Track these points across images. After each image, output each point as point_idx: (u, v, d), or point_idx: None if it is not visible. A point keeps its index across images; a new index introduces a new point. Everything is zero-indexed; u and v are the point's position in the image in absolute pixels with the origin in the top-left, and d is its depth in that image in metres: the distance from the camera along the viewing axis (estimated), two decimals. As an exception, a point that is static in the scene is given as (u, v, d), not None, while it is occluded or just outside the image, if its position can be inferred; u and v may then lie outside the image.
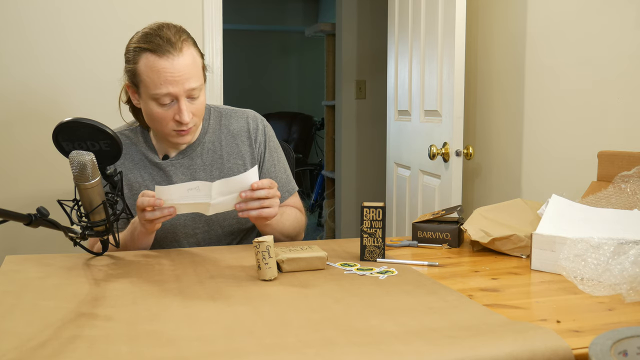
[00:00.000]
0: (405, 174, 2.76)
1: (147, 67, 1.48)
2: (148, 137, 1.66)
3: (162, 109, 1.50)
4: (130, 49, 1.53)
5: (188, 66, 1.49)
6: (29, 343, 0.90)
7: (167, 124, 1.52)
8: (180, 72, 1.47)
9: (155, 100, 1.49)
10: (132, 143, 1.64)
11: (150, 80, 1.48)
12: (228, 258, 1.44)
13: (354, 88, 4.08)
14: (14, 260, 1.40)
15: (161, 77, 1.47)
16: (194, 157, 1.63)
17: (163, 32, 1.50)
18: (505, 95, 2.37)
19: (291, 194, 1.73)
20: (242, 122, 1.68)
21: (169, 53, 1.47)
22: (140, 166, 1.63)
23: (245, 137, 1.67)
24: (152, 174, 1.63)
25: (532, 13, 2.21)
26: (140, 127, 1.67)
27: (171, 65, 1.47)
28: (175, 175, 1.62)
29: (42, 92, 2.33)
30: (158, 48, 1.47)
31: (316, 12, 6.98)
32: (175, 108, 1.50)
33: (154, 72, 1.47)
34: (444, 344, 0.89)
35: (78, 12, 2.34)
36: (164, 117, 1.51)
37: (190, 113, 1.51)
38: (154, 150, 1.64)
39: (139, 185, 1.62)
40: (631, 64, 1.80)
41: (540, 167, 2.20)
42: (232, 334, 0.94)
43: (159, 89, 1.47)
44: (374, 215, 1.41)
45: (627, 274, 1.15)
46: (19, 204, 2.30)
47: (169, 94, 1.48)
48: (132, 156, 1.63)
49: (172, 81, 1.47)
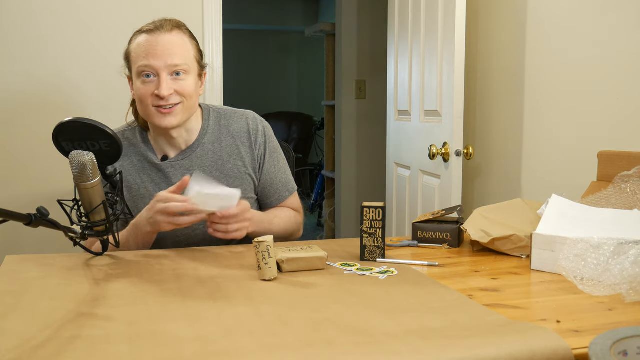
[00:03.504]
0: (405, 174, 2.76)
1: (136, 44, 1.56)
2: (147, 137, 1.66)
3: (144, 85, 1.53)
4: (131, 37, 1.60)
5: (173, 44, 1.54)
6: (29, 343, 0.90)
7: (148, 100, 1.53)
8: (164, 46, 1.52)
9: (139, 75, 1.53)
10: (131, 144, 1.64)
11: (136, 54, 1.54)
12: (228, 258, 1.44)
13: (354, 88, 4.08)
14: (14, 260, 1.40)
15: (145, 50, 1.52)
16: (194, 158, 1.63)
17: (160, 20, 1.58)
18: (505, 95, 2.37)
19: (291, 193, 1.74)
20: (242, 123, 1.68)
21: (157, 31, 1.54)
22: (139, 168, 1.63)
23: (245, 139, 1.67)
24: (151, 176, 1.63)
25: (532, 13, 2.21)
26: (139, 127, 1.67)
27: (155, 40, 1.53)
28: (174, 176, 1.62)
29: (42, 92, 2.33)
30: (150, 29, 1.55)
31: (316, 12, 6.98)
32: (156, 83, 1.52)
33: (140, 47, 1.54)
34: (444, 344, 0.89)
35: (82, 11, 2.34)
36: (145, 93, 1.53)
37: (172, 89, 1.52)
38: (152, 151, 1.64)
39: (137, 187, 1.62)
40: (631, 64, 1.80)
41: (540, 167, 2.20)
42: (232, 334, 0.93)
43: (142, 61, 1.52)
44: (374, 215, 1.41)
45: (627, 274, 1.15)
46: (19, 204, 2.30)
47: (149, 66, 1.51)
48: (131, 158, 1.63)
49: (154, 54, 1.52)
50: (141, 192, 1.62)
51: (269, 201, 1.73)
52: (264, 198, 1.73)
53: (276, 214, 1.68)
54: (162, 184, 1.61)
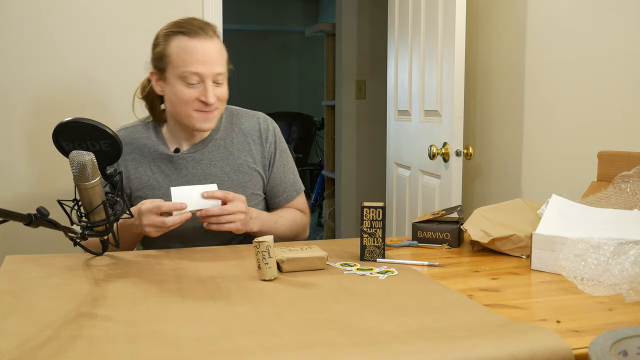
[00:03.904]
0: (405, 174, 2.76)
1: (179, 47, 1.56)
2: (160, 131, 1.70)
3: (188, 89, 1.56)
4: (161, 34, 1.61)
5: (217, 51, 1.58)
6: (29, 343, 0.90)
7: (190, 104, 1.57)
8: (210, 55, 1.56)
9: (183, 79, 1.55)
10: (143, 137, 1.68)
11: (181, 59, 1.55)
12: (228, 258, 1.44)
13: (354, 88, 4.08)
14: (14, 260, 1.40)
15: (193, 57, 1.54)
16: (205, 152, 1.67)
17: (195, 21, 1.60)
18: (506, 95, 2.37)
19: (298, 193, 1.78)
20: (253, 122, 1.73)
21: (200, 36, 1.56)
22: (149, 159, 1.66)
23: (256, 137, 1.72)
24: (162, 167, 1.66)
25: (532, 13, 2.21)
26: (153, 122, 1.71)
27: (202, 47, 1.55)
28: (185, 168, 1.65)
29: (42, 92, 2.33)
30: (191, 31, 1.56)
31: (316, 12, 6.97)
32: (200, 89, 1.56)
33: (186, 52, 1.55)
34: (444, 344, 0.89)
35: (82, 11, 2.34)
36: (189, 97, 1.56)
37: (215, 96, 1.57)
38: (165, 144, 1.68)
39: (148, 177, 1.65)
40: (631, 64, 1.80)
41: (540, 167, 2.20)
42: (232, 334, 0.94)
43: (188, 67, 1.54)
44: (374, 215, 1.41)
45: (627, 274, 1.15)
46: (19, 204, 2.30)
47: (197, 74, 1.54)
48: (142, 149, 1.67)
49: (203, 61, 1.54)
50: (151, 183, 1.65)
51: (277, 200, 1.76)
52: (272, 197, 1.76)
53: (281, 214, 1.71)
54: (172, 175, 1.65)
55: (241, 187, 1.66)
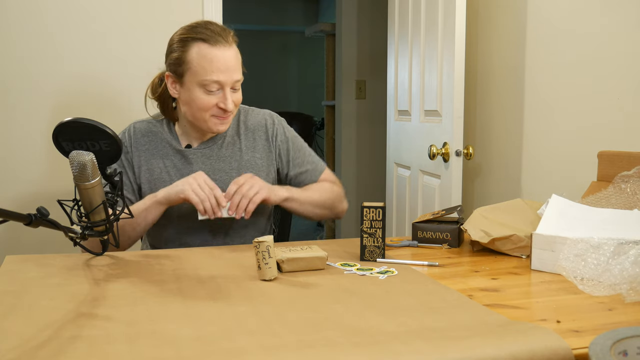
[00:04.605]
0: (405, 174, 2.76)
1: (199, 54, 1.57)
2: (173, 128, 1.73)
3: (208, 96, 1.59)
4: (176, 39, 1.62)
5: (235, 58, 1.60)
6: (29, 343, 0.90)
7: (209, 110, 1.61)
8: (230, 62, 1.59)
9: (203, 86, 1.58)
10: (156, 132, 1.72)
11: (201, 67, 1.57)
12: (228, 258, 1.44)
13: (354, 88, 4.08)
14: (14, 260, 1.40)
15: (213, 65, 1.56)
16: (215, 148, 1.71)
17: (212, 26, 1.61)
18: (506, 95, 2.37)
19: (322, 171, 1.82)
20: (259, 118, 1.78)
21: (220, 44, 1.57)
22: (163, 153, 1.70)
23: (262, 132, 1.76)
24: (174, 161, 1.70)
25: (532, 13, 2.21)
26: (166, 120, 1.74)
27: (222, 55, 1.57)
28: (196, 163, 1.69)
29: (42, 92, 2.33)
30: (210, 38, 1.58)
31: (316, 12, 6.97)
32: (220, 96, 1.59)
33: (206, 60, 1.56)
34: (444, 344, 0.89)
35: (82, 11, 2.34)
36: (207, 104, 1.59)
37: (232, 102, 1.61)
38: (177, 140, 1.72)
39: (160, 170, 1.69)
40: (631, 64, 1.79)
41: (540, 167, 2.20)
42: (232, 334, 0.94)
43: (209, 76, 1.56)
44: (374, 215, 1.41)
45: (627, 274, 1.15)
46: (19, 204, 2.30)
47: (217, 82, 1.57)
48: (156, 144, 1.71)
49: (224, 70, 1.57)
50: (162, 176, 1.68)
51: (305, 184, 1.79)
52: (300, 182, 1.79)
53: (308, 187, 1.75)
54: (183, 169, 1.69)
55: None
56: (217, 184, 1.65)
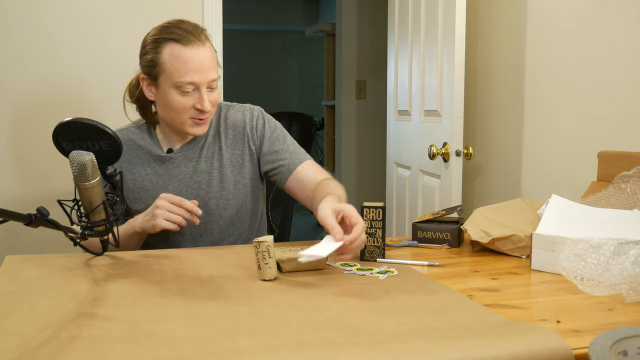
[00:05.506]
0: (405, 174, 2.76)
1: (171, 56, 1.53)
2: (153, 133, 1.70)
3: (183, 98, 1.55)
4: (149, 40, 1.58)
5: (209, 57, 1.55)
6: (29, 343, 0.90)
7: (186, 112, 1.57)
8: (204, 62, 1.54)
9: (178, 88, 1.54)
10: (137, 140, 1.69)
11: (175, 68, 1.52)
12: (228, 258, 1.44)
13: (354, 88, 4.08)
14: (14, 260, 1.40)
15: (187, 66, 1.52)
16: (196, 149, 1.68)
17: (184, 25, 1.56)
18: (505, 95, 2.37)
19: (303, 160, 1.68)
20: (239, 115, 1.72)
21: (193, 43, 1.53)
22: (144, 161, 1.68)
23: (241, 127, 1.70)
24: (155, 168, 1.67)
25: (532, 13, 2.21)
26: (147, 124, 1.72)
27: (196, 55, 1.52)
28: (177, 167, 1.66)
29: (42, 92, 2.33)
30: (182, 38, 1.53)
31: (316, 12, 6.97)
32: (196, 97, 1.55)
33: (179, 61, 1.52)
34: (444, 344, 0.89)
35: (82, 11, 2.34)
36: (184, 106, 1.55)
37: (209, 102, 1.56)
38: (158, 145, 1.69)
39: (142, 179, 1.67)
40: (631, 63, 1.79)
41: (540, 167, 2.20)
42: (232, 334, 0.93)
43: (183, 77, 1.52)
44: (374, 215, 1.41)
45: (627, 274, 1.15)
46: (19, 204, 2.30)
47: (192, 83, 1.53)
48: (136, 152, 1.68)
49: (198, 70, 1.52)
50: (145, 185, 1.66)
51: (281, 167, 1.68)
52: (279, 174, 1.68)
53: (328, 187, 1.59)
54: (164, 175, 1.66)
55: (231, 180, 1.67)
56: (199, 185, 1.64)
